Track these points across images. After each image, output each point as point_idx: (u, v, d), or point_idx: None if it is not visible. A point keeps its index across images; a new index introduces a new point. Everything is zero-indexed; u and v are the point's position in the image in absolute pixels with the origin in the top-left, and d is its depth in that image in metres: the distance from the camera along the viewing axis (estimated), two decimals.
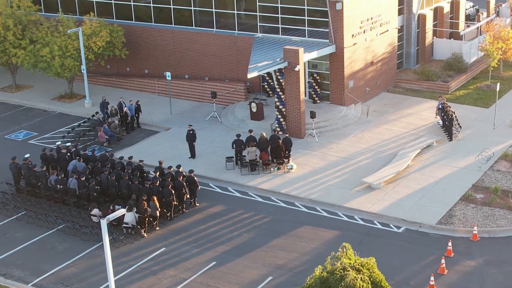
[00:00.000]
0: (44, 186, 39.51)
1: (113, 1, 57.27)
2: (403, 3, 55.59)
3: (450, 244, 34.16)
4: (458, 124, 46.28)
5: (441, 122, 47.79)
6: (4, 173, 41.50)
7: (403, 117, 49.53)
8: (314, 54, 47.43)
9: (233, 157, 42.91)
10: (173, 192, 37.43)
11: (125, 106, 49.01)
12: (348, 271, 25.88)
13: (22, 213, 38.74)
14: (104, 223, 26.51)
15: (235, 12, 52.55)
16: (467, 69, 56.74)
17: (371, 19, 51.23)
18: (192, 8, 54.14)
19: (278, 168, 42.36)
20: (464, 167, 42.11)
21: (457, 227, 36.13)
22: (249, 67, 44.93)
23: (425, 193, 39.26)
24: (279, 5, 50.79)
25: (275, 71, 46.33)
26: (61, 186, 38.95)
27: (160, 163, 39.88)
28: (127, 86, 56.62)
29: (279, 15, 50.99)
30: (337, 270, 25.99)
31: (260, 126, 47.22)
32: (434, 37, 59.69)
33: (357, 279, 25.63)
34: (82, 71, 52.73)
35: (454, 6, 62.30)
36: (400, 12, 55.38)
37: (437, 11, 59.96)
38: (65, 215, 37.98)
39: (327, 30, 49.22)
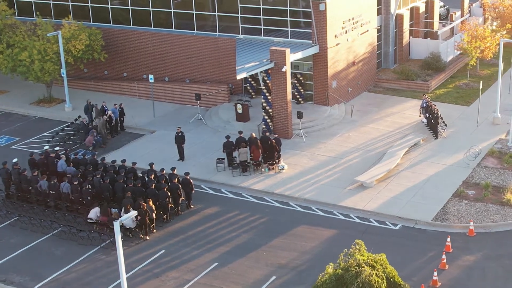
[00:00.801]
0: (35, 191, 39.22)
1: (89, 4, 56.92)
2: (381, 3, 56.38)
3: (449, 239, 34.86)
4: (443, 122, 47.10)
5: (425, 121, 48.66)
6: None
7: (387, 116, 50.30)
8: (299, 55, 47.96)
9: (223, 158, 43.13)
10: (169, 194, 37.47)
11: (108, 109, 48.87)
12: (363, 267, 26.32)
13: (15, 218, 38.38)
14: (117, 225, 26.62)
15: (216, 14, 52.75)
16: (445, 68, 57.70)
17: (353, 19, 51.96)
18: (172, 10, 54.23)
19: (270, 169, 42.61)
20: (453, 164, 42.97)
21: (453, 223, 36.87)
22: (237, 68, 45.20)
23: (417, 190, 39.98)
24: (261, 7, 51.11)
25: (261, 72, 46.67)
26: (53, 192, 38.56)
27: (151, 165, 39.83)
28: (106, 90, 56.52)
29: (261, 17, 51.29)
30: (352, 267, 26.41)
31: (246, 128, 47.57)
32: (411, 37, 60.61)
33: (372, 275, 26.09)
34: (62, 75, 52.42)
35: (429, 6, 63.23)
36: (379, 12, 56.28)
37: (413, 11, 60.86)
38: (60, 219, 37.75)
39: (310, 30, 49.63)
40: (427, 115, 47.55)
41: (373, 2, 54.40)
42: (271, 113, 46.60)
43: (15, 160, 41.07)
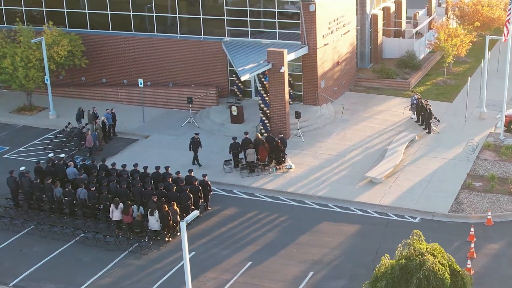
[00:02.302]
0: (49, 198, 39.13)
1: (65, 10, 56.68)
2: (357, 3, 57.97)
3: (472, 229, 36.42)
4: (435, 118, 48.93)
5: (414, 117, 50.37)
6: None
7: (376, 115, 51.85)
8: (292, 56, 49.00)
9: (230, 160, 43.78)
10: (191, 196, 37.98)
11: (98, 116, 48.87)
12: (426, 256, 27.48)
13: (31, 227, 38.18)
14: (183, 225, 27.08)
15: (201, 16, 53.30)
16: (421, 66, 59.74)
17: (337, 19, 53.41)
18: (154, 14, 54.56)
19: (277, 169, 43.48)
20: (453, 158, 44.77)
21: (469, 214, 38.46)
22: (238, 69, 45.94)
23: (426, 184, 41.54)
24: (247, 9, 51.94)
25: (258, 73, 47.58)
26: (69, 198, 38.57)
27: (167, 169, 40.22)
28: (86, 96, 56.38)
29: (248, 19, 52.13)
30: (415, 256, 27.51)
31: (242, 129, 48.29)
32: (383, 37, 62.46)
33: (435, 263, 27.28)
34: (46, 82, 52.12)
35: (397, 6, 65.30)
36: (356, 12, 57.80)
37: (384, 11, 62.74)
38: (79, 226, 37.76)
39: (298, 32, 50.76)
40: (420, 111, 49.01)
41: (353, 3, 55.82)
42: (268, 114, 47.35)
43: (23, 168, 40.77)
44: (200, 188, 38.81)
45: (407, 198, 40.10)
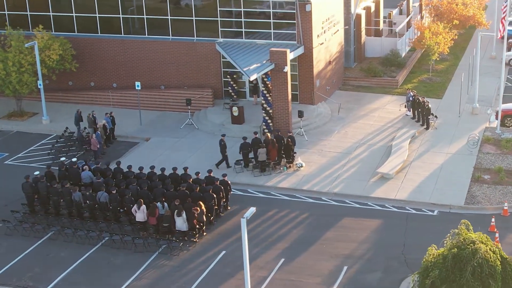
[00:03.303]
0: (68, 203, 39.22)
1: (51, 14, 56.48)
2: (342, 3, 59.26)
3: (493, 220, 37.89)
4: (432, 114, 50.49)
5: (409, 114, 51.84)
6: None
7: (371, 112, 53.17)
8: (291, 56, 49.82)
9: (241, 160, 44.44)
10: (215, 196, 38.56)
11: (97, 120, 48.99)
12: (477, 244, 28.71)
13: (52, 232, 38.23)
14: (243, 222, 27.71)
15: (194, 18, 53.79)
16: (406, 64, 61.37)
17: (328, 19, 54.55)
18: (145, 16, 54.78)
19: (288, 167, 44.32)
20: (456, 152, 46.32)
21: (485, 205, 39.94)
22: (243, 70, 46.64)
23: (437, 178, 42.91)
24: (242, 9, 52.65)
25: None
26: (89, 202, 38.76)
27: (185, 169, 40.69)
28: (75, 100, 56.20)
29: (242, 19, 52.83)
30: (466, 245, 28.71)
31: (243, 130, 48.97)
32: (366, 36, 63.93)
33: (487, 252, 28.53)
34: (39, 86, 51.95)
35: (376, 6, 66.91)
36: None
37: (366, 11, 64.21)
38: (103, 229, 37.95)
39: (294, 31, 51.69)
40: (417, 107, 50.46)
41: (340, 2, 57.07)
42: (271, 113, 48.14)
43: (37, 173, 40.71)
44: (222, 187, 39.23)
45: (421, 192, 41.32)
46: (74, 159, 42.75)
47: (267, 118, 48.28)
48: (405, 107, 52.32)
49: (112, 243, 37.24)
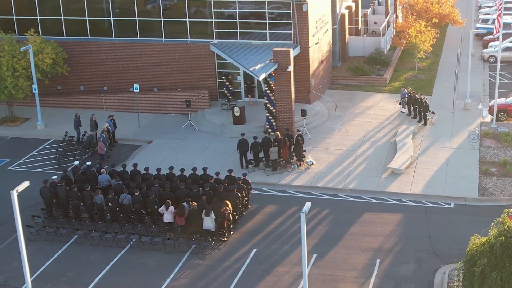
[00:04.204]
0: (89, 206, 39.42)
1: (38, 17, 56.30)
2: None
3: None
4: (429, 110, 52.07)
5: (404, 111, 53.35)
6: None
7: (367, 110, 54.51)
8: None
9: (252, 159, 45.20)
10: (239, 195, 39.27)
11: (98, 123, 49.18)
12: None
13: (77, 235, 38.39)
14: (303, 217, 28.53)
15: (187, 19, 54.31)
16: (390, 62, 62.97)
17: (320, 19, 55.70)
18: (137, 18, 55.05)
19: (299, 165, 45.26)
20: (459, 147, 47.91)
21: (498, 197, 41.54)
22: (249, 70, 47.40)
23: (446, 172, 44.37)
24: (237, 10, 53.41)
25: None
26: (112, 204, 39.06)
27: (205, 170, 41.26)
28: (66, 105, 56.16)
29: (237, 20, 53.59)
30: None
31: (244, 130, 49.46)
32: (348, 35, 65.34)
33: None
34: (34, 91, 51.80)
35: (355, 6, 68.43)
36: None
37: (348, 11, 65.63)
38: (128, 231, 38.26)
39: (289, 31, 52.67)
40: (414, 104, 51.97)
41: (329, 2, 58.29)
42: (274, 113, 48.99)
43: (54, 177, 40.77)
44: (245, 186, 39.94)
45: (434, 186, 42.69)
46: (88, 163, 42.68)
47: (270, 117, 48.95)
48: (400, 104, 53.60)
49: (140, 244, 37.34)
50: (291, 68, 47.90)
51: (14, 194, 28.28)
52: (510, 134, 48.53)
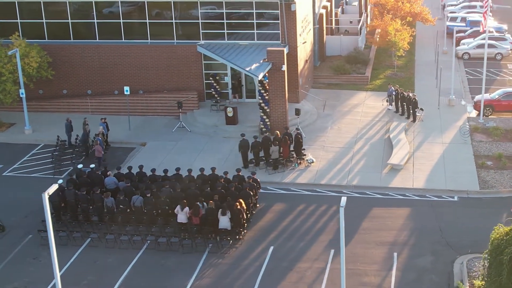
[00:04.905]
0: (99, 209, 39.58)
1: (18, 20, 55.99)
2: None
3: None
4: (418, 106, 53.46)
5: (391, 108, 54.65)
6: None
7: (354, 108, 55.65)
8: None
9: (253, 159, 45.86)
10: (251, 194, 39.89)
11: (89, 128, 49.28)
12: None
13: (90, 238, 38.50)
14: (342, 211, 29.31)
15: (173, 21, 54.69)
16: (369, 61, 64.31)
17: (305, 18, 56.66)
18: (121, 20, 55.19)
19: (299, 163, 46.07)
20: (451, 142, 49.35)
21: (499, 189, 43.00)
22: (246, 69, 48.00)
23: (444, 167, 45.66)
24: (224, 11, 53.97)
25: None
26: (123, 206, 39.29)
27: (213, 170, 41.74)
28: (49, 109, 55.85)
29: (225, 21, 54.16)
30: None
31: (237, 130, 50.14)
32: (325, 35, 66.47)
33: None
34: (21, 95, 51.53)
35: (330, 5, 69.63)
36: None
37: (325, 10, 66.78)
38: (142, 232, 38.51)
39: (277, 31, 53.46)
40: (402, 102, 53.27)
41: (310, 2, 59.29)
42: (269, 112, 49.70)
43: (60, 181, 40.76)
44: (255, 185, 40.56)
45: (435, 180, 43.91)
46: (92, 166, 42.77)
47: (265, 117, 49.58)
48: (387, 101, 54.81)
49: (157, 245, 37.57)
50: (285, 67, 48.45)
51: (46, 196, 28.21)
52: (499, 128, 49.92)
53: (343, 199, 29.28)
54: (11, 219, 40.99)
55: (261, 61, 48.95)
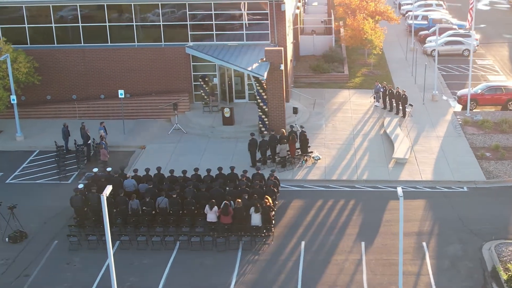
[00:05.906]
0: (123, 211, 40.14)
1: None
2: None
3: None
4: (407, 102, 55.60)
5: (378, 105, 56.67)
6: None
7: (342, 106, 57.42)
8: None
9: (261, 158, 47.07)
10: (275, 191, 41.12)
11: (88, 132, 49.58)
12: None
13: (120, 240, 38.99)
14: (401, 200, 30.86)
15: (161, 23, 55.38)
16: (345, 60, 66.25)
17: (289, 19, 58.17)
18: (107, 24, 55.57)
19: (306, 161, 47.50)
20: (446, 135, 51.54)
21: (504, 178, 45.34)
22: (247, 69, 49.13)
23: (446, 159, 47.67)
24: (212, 12, 54.99)
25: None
26: (148, 208, 39.96)
27: (232, 169, 42.79)
28: (34, 115, 55.70)
29: (213, 22, 55.18)
30: None
31: (234, 131, 51.29)
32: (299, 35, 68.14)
33: None
34: (13, 102, 51.43)
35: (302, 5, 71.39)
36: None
37: (299, 10, 68.47)
38: (172, 232, 39.22)
39: (266, 31, 54.79)
40: (390, 98, 55.29)
41: (292, 2, 60.78)
42: (267, 112, 50.96)
43: (81, 186, 41.13)
44: (277, 182, 41.78)
45: (441, 172, 45.87)
46: (108, 169, 43.17)
47: (263, 116, 50.74)
48: (374, 98, 56.72)
49: (189, 245, 38.32)
50: (283, 66, 49.74)
51: (104, 198, 28.90)
52: (489, 121, 52.27)
53: (399, 190, 30.55)
54: (30, 225, 41.00)
55: (259, 61, 49.84)
